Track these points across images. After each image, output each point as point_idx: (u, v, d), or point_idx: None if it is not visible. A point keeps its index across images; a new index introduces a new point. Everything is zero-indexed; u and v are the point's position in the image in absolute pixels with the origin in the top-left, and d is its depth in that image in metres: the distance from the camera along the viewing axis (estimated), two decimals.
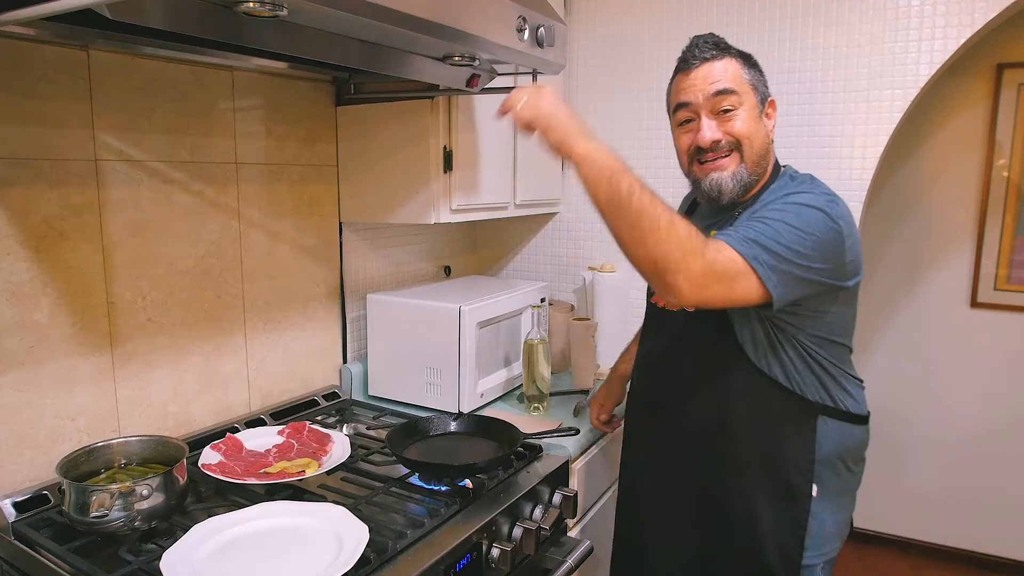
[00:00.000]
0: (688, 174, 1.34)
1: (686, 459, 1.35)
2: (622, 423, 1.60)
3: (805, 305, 1.18)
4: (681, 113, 1.29)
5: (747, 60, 1.28)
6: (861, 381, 1.33)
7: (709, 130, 1.24)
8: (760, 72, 1.29)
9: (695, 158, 1.29)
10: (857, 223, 1.85)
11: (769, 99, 1.29)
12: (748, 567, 1.30)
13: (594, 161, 1.08)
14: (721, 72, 1.24)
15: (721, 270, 1.06)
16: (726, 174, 1.25)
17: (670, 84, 1.34)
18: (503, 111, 1.20)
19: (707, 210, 1.36)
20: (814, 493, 1.26)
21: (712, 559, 1.34)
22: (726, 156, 1.26)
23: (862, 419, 1.30)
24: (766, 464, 1.26)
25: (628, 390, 1.54)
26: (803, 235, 1.11)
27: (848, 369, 1.29)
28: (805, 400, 1.24)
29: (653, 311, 1.46)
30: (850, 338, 1.30)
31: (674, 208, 1.08)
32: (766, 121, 1.29)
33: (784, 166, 1.35)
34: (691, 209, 1.48)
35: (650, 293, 1.48)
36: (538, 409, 1.77)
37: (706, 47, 1.26)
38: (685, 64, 1.28)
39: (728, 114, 1.24)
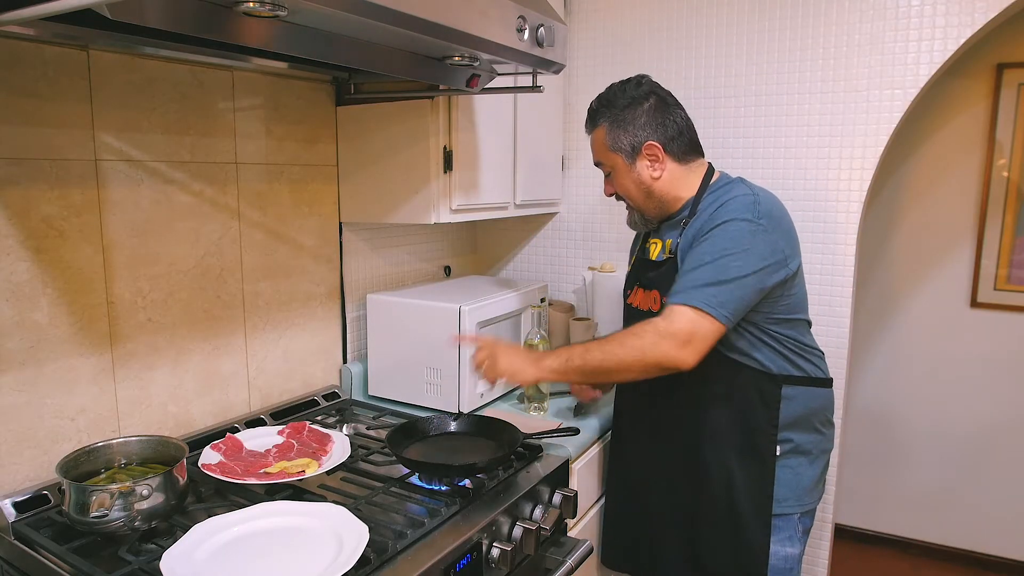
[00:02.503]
0: None
1: (671, 436, 1.51)
2: (597, 392, 1.72)
3: (762, 300, 1.37)
4: None
5: (614, 121, 1.47)
6: (821, 352, 1.52)
7: (606, 186, 1.57)
8: (627, 128, 1.46)
9: None
10: (857, 223, 1.86)
11: (644, 145, 1.46)
12: (727, 521, 1.45)
13: (558, 373, 1.38)
14: (595, 146, 1.52)
15: (686, 333, 1.27)
16: (628, 216, 1.60)
17: None
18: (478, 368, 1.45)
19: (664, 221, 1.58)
20: (778, 453, 1.44)
21: (697, 519, 1.49)
22: (626, 203, 1.55)
23: (825, 382, 1.50)
24: (737, 431, 1.43)
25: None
26: (737, 254, 1.31)
27: (807, 341, 1.48)
28: (769, 373, 1.42)
29: (630, 311, 1.58)
30: (806, 312, 1.49)
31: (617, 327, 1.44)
32: (644, 164, 1.47)
33: (717, 172, 1.52)
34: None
35: (625, 294, 1.62)
36: (538, 409, 1.77)
37: (589, 118, 1.52)
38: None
39: (608, 178, 1.54)
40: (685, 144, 1.48)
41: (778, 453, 1.44)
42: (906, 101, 1.78)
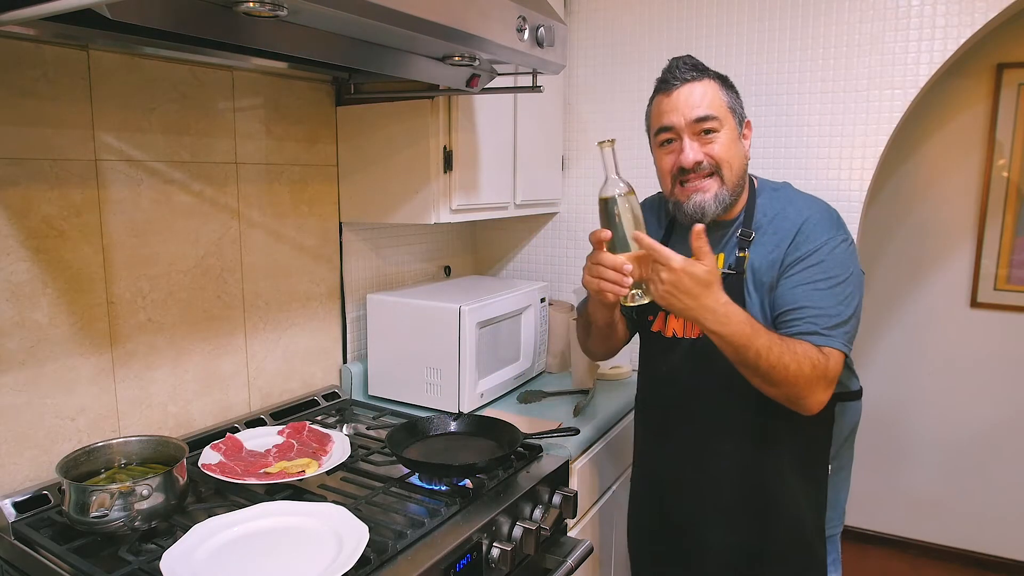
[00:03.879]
0: (669, 195, 1.35)
1: (727, 459, 1.35)
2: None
3: None
4: (663, 135, 1.31)
5: (725, 82, 1.31)
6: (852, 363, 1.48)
7: (692, 151, 1.26)
8: (737, 94, 1.32)
9: (677, 179, 1.31)
10: (857, 223, 1.86)
11: (746, 120, 1.33)
12: (792, 547, 1.36)
13: (722, 336, 1.14)
14: (701, 96, 1.26)
15: (834, 376, 1.19)
16: (708, 196, 1.28)
17: (650, 105, 1.36)
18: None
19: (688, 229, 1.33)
20: (830, 471, 1.37)
21: (759, 551, 1.37)
22: (708, 178, 1.28)
23: (858, 394, 1.44)
24: (799, 451, 1.33)
25: (638, 408, 1.56)
26: (848, 281, 1.22)
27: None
28: None
29: (660, 339, 1.43)
30: None
31: (789, 342, 1.17)
32: (743, 142, 1.32)
33: (756, 178, 1.39)
34: (669, 229, 1.45)
35: (648, 320, 1.45)
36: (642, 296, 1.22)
37: (686, 68, 1.28)
38: (666, 85, 1.30)
39: (709, 136, 1.27)
40: None
41: (830, 471, 1.36)
42: (906, 101, 1.78)
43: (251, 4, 0.88)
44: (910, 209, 2.85)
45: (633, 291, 1.19)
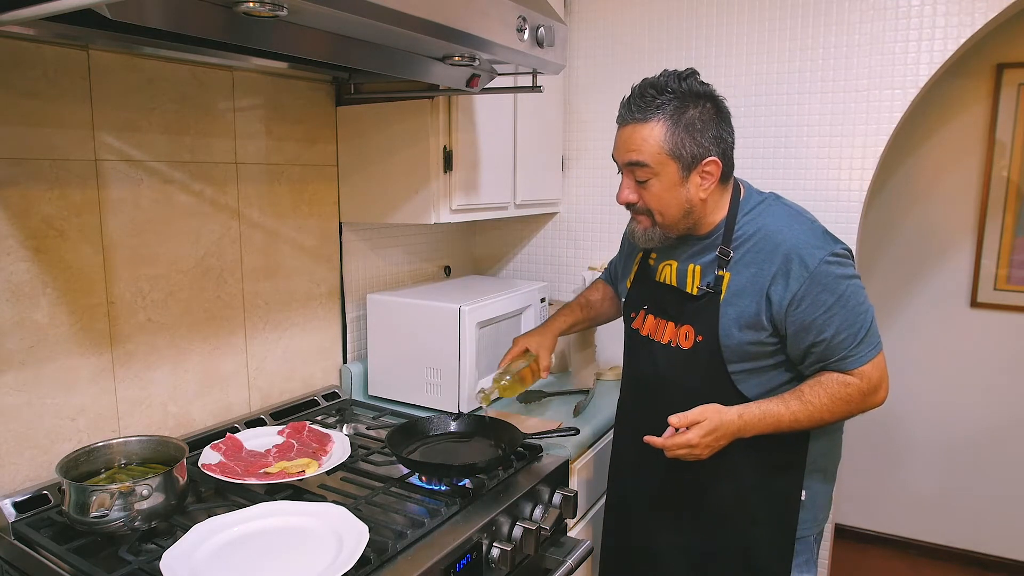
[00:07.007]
0: None
1: (685, 462, 1.31)
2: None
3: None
4: (615, 163, 1.34)
5: (679, 120, 1.22)
6: None
7: (625, 190, 1.31)
8: (696, 133, 1.22)
9: None
10: (857, 223, 1.87)
11: (706, 160, 1.24)
12: (742, 551, 1.34)
13: (758, 435, 1.26)
14: (640, 141, 1.24)
15: (879, 380, 1.26)
16: (639, 228, 1.34)
17: None
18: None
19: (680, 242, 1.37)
20: (808, 473, 1.34)
21: (707, 554, 1.38)
22: (642, 214, 1.32)
23: None
24: (765, 455, 1.30)
25: (618, 406, 1.56)
26: (854, 295, 1.23)
27: None
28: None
29: (637, 337, 1.44)
30: None
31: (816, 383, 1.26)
32: (696, 182, 1.26)
33: (743, 185, 1.34)
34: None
35: (629, 317, 1.47)
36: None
37: (638, 104, 1.25)
38: (618, 118, 1.31)
39: (643, 184, 1.28)
40: (731, 163, 1.30)
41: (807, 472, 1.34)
42: (906, 101, 1.78)
43: (251, 4, 0.88)
44: (910, 209, 2.85)
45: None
